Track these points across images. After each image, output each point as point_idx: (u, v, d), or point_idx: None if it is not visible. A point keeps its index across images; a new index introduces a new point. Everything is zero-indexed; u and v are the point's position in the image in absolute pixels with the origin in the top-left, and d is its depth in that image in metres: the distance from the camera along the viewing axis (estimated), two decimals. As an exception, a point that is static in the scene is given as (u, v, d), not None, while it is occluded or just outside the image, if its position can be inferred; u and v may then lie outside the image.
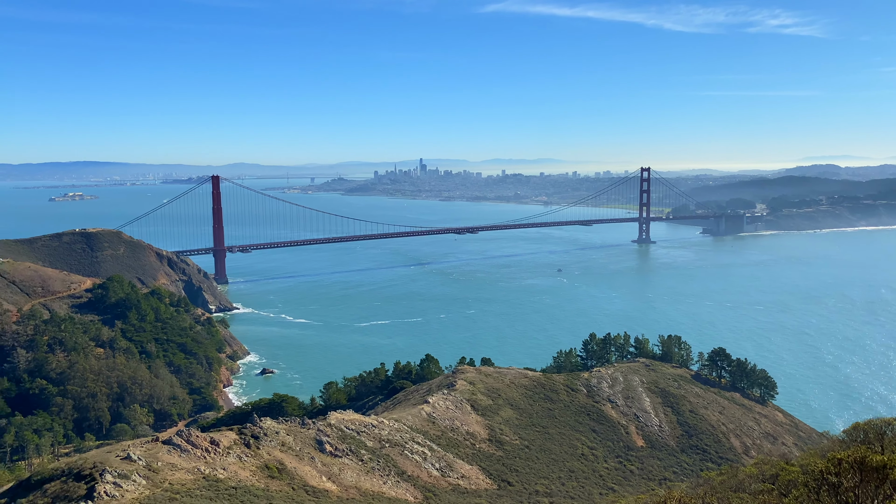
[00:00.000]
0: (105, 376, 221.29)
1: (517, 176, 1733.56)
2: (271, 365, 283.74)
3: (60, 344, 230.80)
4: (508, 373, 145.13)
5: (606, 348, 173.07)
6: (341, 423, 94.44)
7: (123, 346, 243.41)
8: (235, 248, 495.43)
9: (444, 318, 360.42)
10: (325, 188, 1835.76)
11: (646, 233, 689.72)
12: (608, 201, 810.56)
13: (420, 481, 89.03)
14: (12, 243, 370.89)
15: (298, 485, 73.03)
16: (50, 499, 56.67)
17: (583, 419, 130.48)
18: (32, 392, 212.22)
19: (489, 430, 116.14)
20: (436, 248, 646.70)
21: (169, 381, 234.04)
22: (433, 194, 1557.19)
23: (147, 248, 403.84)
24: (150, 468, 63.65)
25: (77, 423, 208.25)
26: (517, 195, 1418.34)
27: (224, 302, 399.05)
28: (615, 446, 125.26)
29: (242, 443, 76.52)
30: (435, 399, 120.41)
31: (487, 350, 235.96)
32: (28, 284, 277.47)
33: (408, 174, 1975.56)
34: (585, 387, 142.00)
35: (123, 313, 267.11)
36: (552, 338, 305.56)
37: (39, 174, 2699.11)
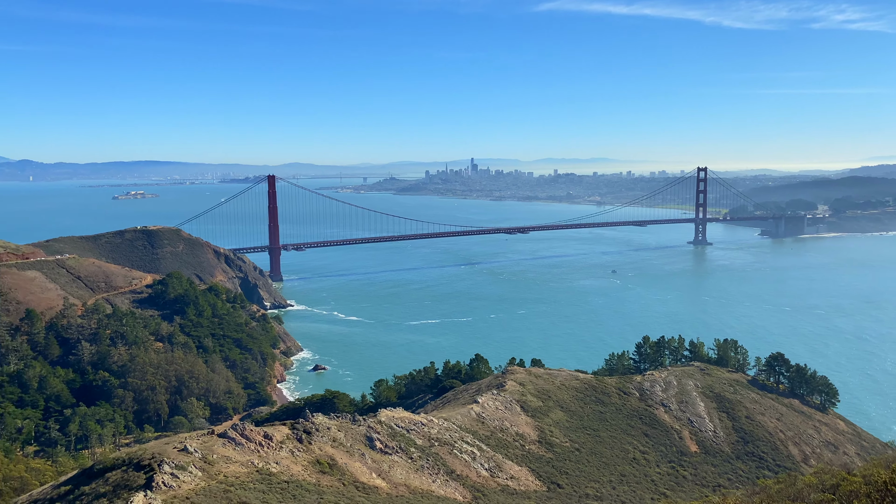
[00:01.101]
0: (164, 370, 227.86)
1: (570, 175, 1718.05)
2: (323, 361, 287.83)
3: (122, 338, 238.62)
4: (559, 374, 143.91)
5: (660, 351, 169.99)
6: (391, 420, 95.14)
7: (181, 340, 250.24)
8: (290, 247, 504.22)
9: (493, 318, 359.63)
10: (377, 188, 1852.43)
11: (702, 234, 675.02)
12: (663, 202, 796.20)
13: (469, 481, 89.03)
14: (78, 240, 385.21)
15: (349, 481, 73.86)
16: (111, 487, 58.62)
17: (635, 423, 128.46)
18: (95, 384, 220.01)
19: (539, 431, 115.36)
20: (486, 248, 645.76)
21: (225, 376, 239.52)
22: (484, 194, 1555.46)
23: (205, 245, 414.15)
24: (206, 460, 65.25)
25: (137, 414, 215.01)
26: (569, 195, 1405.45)
27: (278, 299, 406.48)
28: (668, 451, 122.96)
29: (295, 438, 77.78)
30: (484, 399, 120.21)
31: (537, 351, 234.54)
32: (92, 279, 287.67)
33: (459, 174, 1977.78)
34: (638, 390, 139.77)
35: (182, 309, 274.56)
36: (604, 340, 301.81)
37: (104, 173, 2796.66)
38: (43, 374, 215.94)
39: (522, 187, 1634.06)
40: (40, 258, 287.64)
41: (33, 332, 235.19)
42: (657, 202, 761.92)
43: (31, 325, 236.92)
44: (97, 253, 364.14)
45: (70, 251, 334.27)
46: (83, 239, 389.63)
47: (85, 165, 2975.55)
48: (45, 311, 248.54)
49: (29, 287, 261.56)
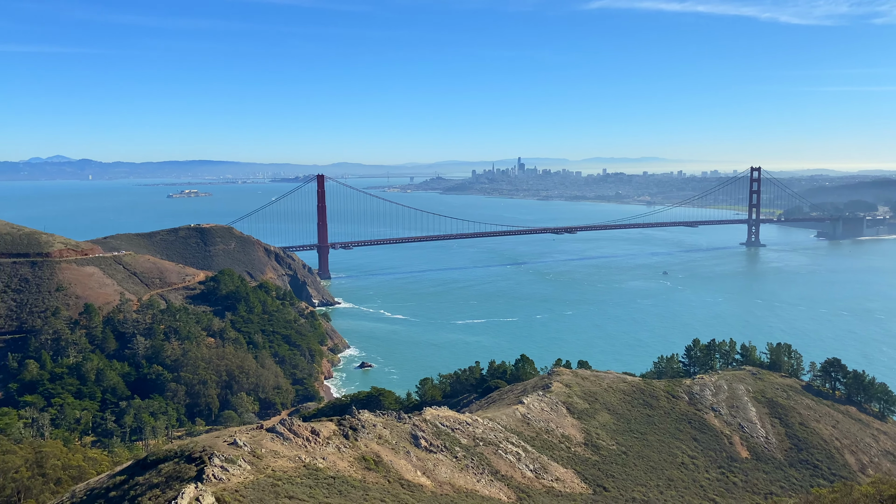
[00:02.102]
0: (215, 365, 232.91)
1: (619, 175, 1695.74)
2: (370, 359, 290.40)
3: (175, 333, 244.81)
4: (606, 377, 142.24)
5: (710, 355, 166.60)
6: (436, 419, 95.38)
7: (232, 336, 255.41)
8: (338, 245, 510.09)
9: (540, 319, 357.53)
10: (424, 187, 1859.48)
11: (755, 235, 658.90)
12: (715, 202, 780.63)
13: (514, 481, 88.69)
14: (134, 237, 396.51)
15: (394, 478, 74.33)
16: (164, 478, 60.21)
17: (683, 427, 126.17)
18: (149, 377, 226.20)
19: (585, 433, 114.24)
20: (532, 248, 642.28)
21: (274, 372, 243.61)
22: (531, 193, 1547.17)
23: (256, 243, 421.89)
24: (255, 454, 66.48)
25: (189, 407, 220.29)
26: (618, 195, 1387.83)
27: (326, 296, 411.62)
28: (717, 456, 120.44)
29: (341, 434, 78.64)
30: (530, 400, 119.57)
31: (584, 353, 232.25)
32: (147, 276, 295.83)
33: (505, 173, 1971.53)
34: (687, 394, 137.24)
35: (233, 305, 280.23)
36: (652, 342, 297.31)
37: (159, 172, 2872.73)
38: (100, 366, 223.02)
39: (570, 187, 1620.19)
40: (98, 254, 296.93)
41: (91, 325, 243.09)
42: (709, 202, 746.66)
43: (89, 319, 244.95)
44: (152, 250, 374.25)
45: (126, 248, 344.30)
46: (139, 236, 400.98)
47: (141, 165, 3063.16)
48: (103, 305, 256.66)
49: (87, 282, 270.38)
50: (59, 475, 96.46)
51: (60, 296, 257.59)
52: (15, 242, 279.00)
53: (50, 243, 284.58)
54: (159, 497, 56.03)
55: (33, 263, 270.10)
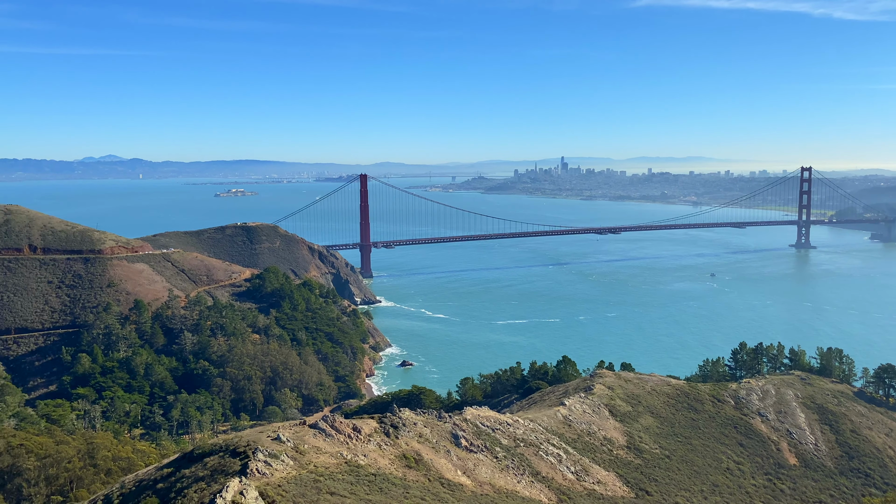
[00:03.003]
0: (260, 361, 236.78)
1: (664, 175, 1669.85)
2: (411, 357, 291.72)
3: (222, 329, 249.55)
4: (650, 379, 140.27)
5: (758, 359, 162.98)
6: (477, 419, 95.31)
7: (277, 333, 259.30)
8: (380, 244, 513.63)
9: (582, 320, 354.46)
10: (466, 186, 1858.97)
11: (805, 237, 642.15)
12: (764, 203, 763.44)
13: (554, 483, 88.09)
14: (182, 235, 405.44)
15: (434, 476, 74.50)
16: (209, 472, 61.44)
17: (729, 432, 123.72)
18: (196, 372, 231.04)
19: (628, 436, 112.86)
20: (575, 248, 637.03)
21: (317, 368, 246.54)
22: (574, 193, 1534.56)
23: (300, 241, 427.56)
24: (298, 450, 67.33)
25: (234, 402, 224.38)
26: (664, 195, 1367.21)
27: (368, 295, 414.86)
28: (764, 463, 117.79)
29: (382, 431, 79.15)
30: (571, 402, 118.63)
31: (627, 355, 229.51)
32: (195, 273, 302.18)
33: (548, 173, 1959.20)
34: (733, 398, 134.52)
35: (278, 302, 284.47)
36: (698, 345, 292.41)
37: (207, 171, 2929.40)
38: (149, 361, 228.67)
39: (614, 186, 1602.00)
40: (148, 252, 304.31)
41: (141, 321, 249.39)
42: (757, 203, 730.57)
43: (139, 314, 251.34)
44: (200, 247, 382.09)
45: (175, 245, 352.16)
46: (187, 234, 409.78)
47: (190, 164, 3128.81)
48: (152, 301, 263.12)
49: (137, 279, 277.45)
50: (109, 466, 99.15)
51: (112, 292, 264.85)
52: (69, 239, 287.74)
53: (102, 240, 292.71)
54: (205, 490, 57.16)
55: (86, 260, 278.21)
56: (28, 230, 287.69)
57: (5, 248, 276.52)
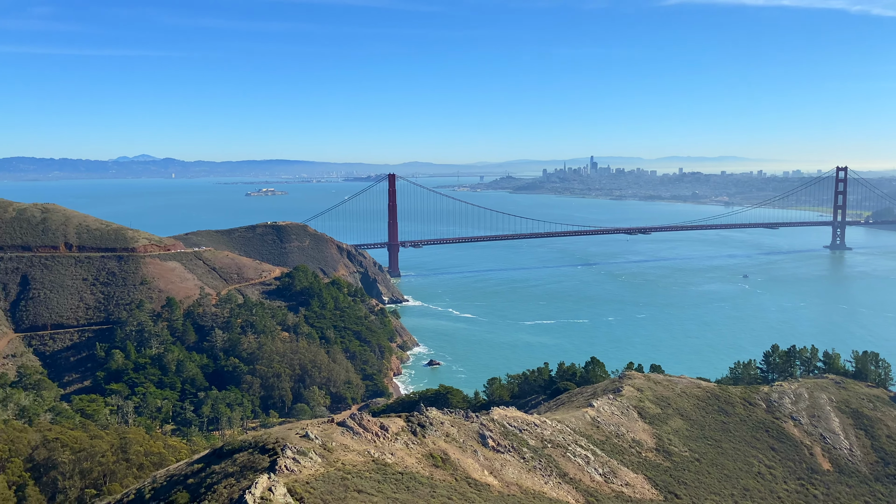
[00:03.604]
0: (289, 358, 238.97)
1: (695, 174, 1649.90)
2: (438, 357, 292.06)
3: (251, 326, 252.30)
4: (680, 381, 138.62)
5: (790, 362, 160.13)
6: (504, 419, 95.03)
7: (306, 331, 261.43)
8: (408, 244, 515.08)
9: (611, 321, 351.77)
10: (494, 186, 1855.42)
11: (840, 238, 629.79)
12: (797, 203, 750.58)
13: (582, 485, 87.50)
14: (214, 233, 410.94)
15: (461, 476, 74.45)
16: (238, 468, 62.13)
17: (760, 435, 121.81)
18: (227, 369, 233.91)
19: (657, 439, 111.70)
20: (605, 249, 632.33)
21: (345, 367, 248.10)
22: (603, 193, 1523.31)
23: (329, 240, 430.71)
24: (326, 447, 67.76)
25: (263, 400, 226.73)
26: (695, 195, 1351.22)
27: (396, 294, 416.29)
28: (797, 467, 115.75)
29: (409, 430, 79.29)
30: (600, 403, 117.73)
31: (657, 356, 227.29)
32: (226, 271, 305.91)
33: (577, 172, 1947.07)
34: (765, 401, 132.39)
35: (307, 301, 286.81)
36: (729, 347, 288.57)
37: (238, 171, 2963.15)
38: (180, 358, 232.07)
39: (644, 186, 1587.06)
40: (180, 250, 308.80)
41: (173, 318, 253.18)
42: (790, 204, 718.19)
43: (170, 311, 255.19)
44: (230, 246, 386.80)
45: (206, 244, 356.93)
46: (218, 233, 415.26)
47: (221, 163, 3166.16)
48: (184, 299, 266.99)
49: (169, 276, 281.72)
50: (141, 461, 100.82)
51: (144, 289, 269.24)
52: (103, 238, 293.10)
53: (135, 239, 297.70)
54: (234, 486, 57.82)
55: (120, 258, 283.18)
56: (64, 228, 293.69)
57: (42, 246, 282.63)
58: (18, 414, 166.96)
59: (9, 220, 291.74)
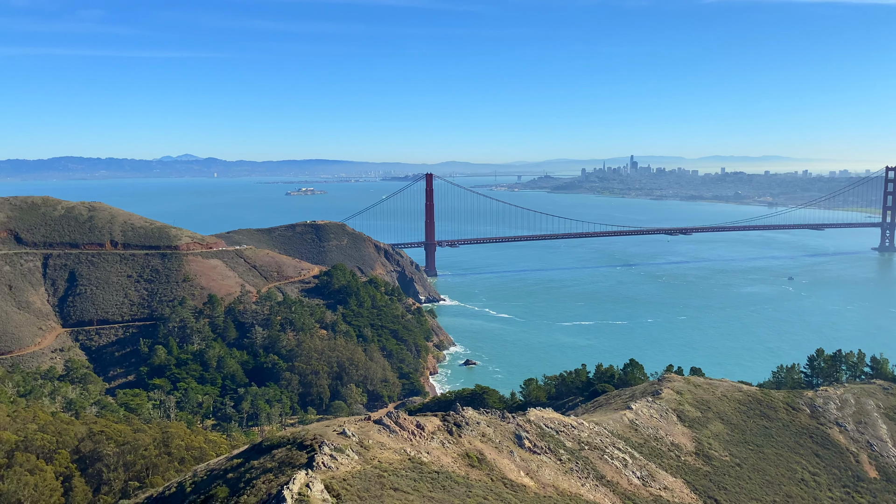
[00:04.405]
0: (327, 356, 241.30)
1: (738, 174, 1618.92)
2: (474, 357, 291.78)
3: (291, 324, 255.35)
4: (720, 385, 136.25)
5: (836, 366, 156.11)
6: (541, 420, 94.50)
7: (343, 329, 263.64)
8: (444, 243, 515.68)
9: (651, 323, 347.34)
10: (531, 186, 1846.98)
11: (890, 240, 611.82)
12: (844, 204, 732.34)
13: (619, 487, 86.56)
14: (255, 232, 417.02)
15: (497, 476, 74.25)
16: (276, 463, 62.94)
17: (804, 441, 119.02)
18: (266, 366, 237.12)
19: (696, 443, 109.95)
20: (644, 249, 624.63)
21: (381, 365, 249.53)
22: (643, 193, 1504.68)
23: (367, 240, 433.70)
24: (363, 445, 68.20)
25: (301, 396, 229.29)
26: (737, 195, 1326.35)
27: (433, 293, 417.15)
28: (842, 475, 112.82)
29: (445, 429, 79.34)
30: (638, 406, 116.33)
31: (697, 359, 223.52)
32: (266, 269, 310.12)
33: (617, 172, 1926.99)
34: (809, 406, 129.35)
35: (344, 299, 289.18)
36: (772, 351, 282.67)
37: (278, 170, 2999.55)
38: (221, 354, 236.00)
39: (685, 186, 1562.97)
40: (222, 248, 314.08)
41: (214, 315, 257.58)
42: (837, 204, 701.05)
43: (212, 308, 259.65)
44: (271, 244, 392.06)
45: (247, 242, 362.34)
46: (259, 231, 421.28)
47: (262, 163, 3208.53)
48: (225, 296, 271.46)
49: (211, 274, 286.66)
50: (182, 455, 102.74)
51: (187, 286, 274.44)
52: (147, 235, 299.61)
53: (178, 237, 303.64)
54: (272, 482, 58.57)
55: (163, 255, 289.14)
56: (110, 226, 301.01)
57: (89, 244, 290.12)
58: (66, 407, 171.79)
59: (57, 217, 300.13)
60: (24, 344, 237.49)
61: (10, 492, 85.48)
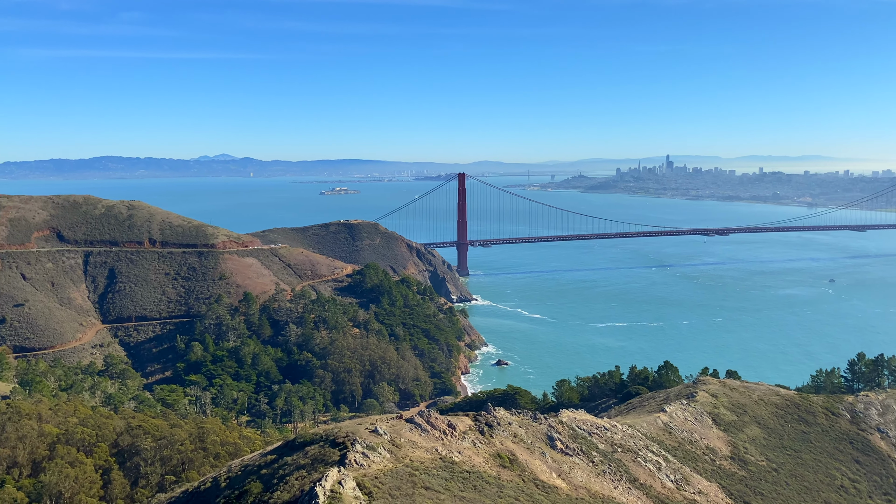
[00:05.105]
0: (359, 354, 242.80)
1: (776, 174, 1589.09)
2: (506, 357, 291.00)
3: (324, 322, 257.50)
4: (757, 388, 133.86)
5: (878, 371, 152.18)
6: (573, 421, 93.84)
7: (376, 327, 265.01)
8: (476, 243, 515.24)
9: (686, 325, 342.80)
10: (565, 185, 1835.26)
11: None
12: (888, 205, 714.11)
13: (653, 491, 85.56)
14: (289, 231, 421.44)
15: (528, 477, 73.91)
16: (309, 460, 63.48)
17: (844, 447, 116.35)
18: (300, 363, 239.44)
19: (732, 447, 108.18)
20: (680, 250, 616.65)
21: (413, 364, 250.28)
22: (679, 193, 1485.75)
23: (399, 239, 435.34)
24: (394, 443, 68.43)
25: (334, 394, 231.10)
26: (776, 195, 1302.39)
27: (464, 293, 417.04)
28: (883, 482, 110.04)
29: (477, 429, 79.23)
30: (673, 408, 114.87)
31: (733, 362, 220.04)
32: (300, 268, 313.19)
33: (652, 171, 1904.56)
34: (849, 412, 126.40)
35: (377, 298, 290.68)
36: (810, 355, 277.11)
37: (313, 170, 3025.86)
38: (256, 351, 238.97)
39: (722, 186, 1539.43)
40: (257, 246, 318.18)
41: (249, 312, 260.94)
42: (880, 205, 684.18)
43: (247, 306, 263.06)
44: (305, 243, 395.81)
45: (282, 241, 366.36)
46: (293, 230, 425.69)
47: (297, 163, 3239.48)
48: (260, 294, 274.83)
49: (247, 272, 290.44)
50: (217, 450, 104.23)
51: (223, 284, 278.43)
52: (185, 234, 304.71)
53: (215, 235, 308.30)
54: (305, 478, 59.08)
55: (200, 253, 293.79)
56: (148, 225, 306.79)
57: (128, 241, 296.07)
58: (105, 401, 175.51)
59: (98, 216, 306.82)
60: (65, 339, 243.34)
61: (52, 483, 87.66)
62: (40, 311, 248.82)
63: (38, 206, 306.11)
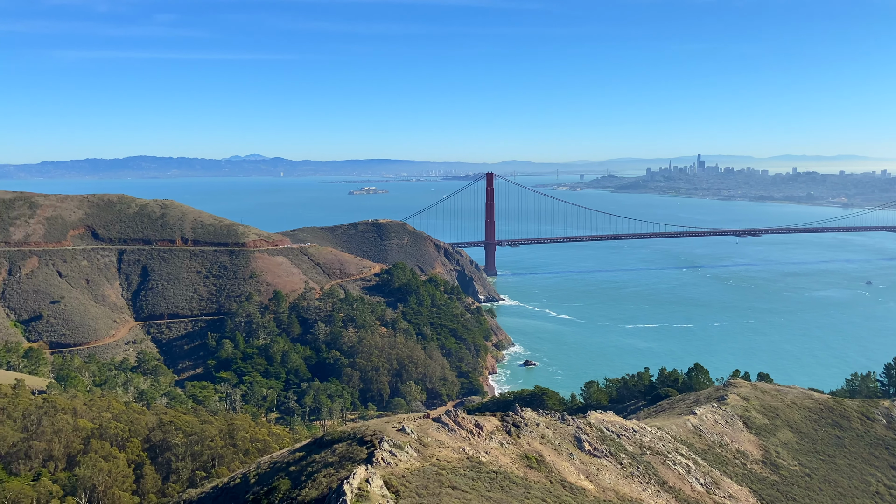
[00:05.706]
0: (387, 353, 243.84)
1: (810, 174, 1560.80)
2: (534, 357, 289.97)
3: (352, 321, 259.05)
4: (789, 392, 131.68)
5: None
6: (601, 423, 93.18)
7: (403, 327, 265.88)
8: (504, 242, 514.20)
9: (717, 327, 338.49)
10: (594, 185, 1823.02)
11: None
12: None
13: (682, 494, 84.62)
14: (318, 230, 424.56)
15: (556, 479, 73.56)
16: (337, 458, 63.92)
17: (880, 453, 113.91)
18: (328, 361, 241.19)
19: (763, 450, 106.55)
20: (711, 251, 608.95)
21: (440, 363, 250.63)
22: (710, 193, 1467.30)
23: (427, 238, 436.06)
24: (421, 442, 68.58)
25: (362, 392, 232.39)
26: (810, 195, 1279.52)
27: (492, 293, 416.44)
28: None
29: (504, 430, 79.06)
30: (703, 411, 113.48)
31: (765, 365, 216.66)
32: (329, 267, 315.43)
33: (683, 171, 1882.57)
34: (885, 417, 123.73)
35: (405, 297, 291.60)
36: (845, 358, 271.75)
37: (342, 170, 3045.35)
38: (285, 349, 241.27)
39: (755, 186, 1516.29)
40: (287, 245, 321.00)
41: (279, 311, 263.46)
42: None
43: (277, 304, 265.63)
44: (333, 242, 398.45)
45: (311, 240, 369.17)
46: (322, 229, 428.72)
47: (326, 163, 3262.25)
48: (289, 292, 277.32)
49: (277, 271, 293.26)
50: (247, 447, 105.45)
51: (253, 282, 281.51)
52: (216, 232, 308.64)
53: (245, 234, 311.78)
54: (333, 476, 59.49)
55: (231, 252, 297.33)
56: (181, 223, 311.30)
57: (161, 240, 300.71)
58: (137, 397, 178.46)
59: (132, 215, 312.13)
60: (99, 336, 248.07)
61: (86, 477, 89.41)
62: (75, 308, 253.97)
63: (73, 204, 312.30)
